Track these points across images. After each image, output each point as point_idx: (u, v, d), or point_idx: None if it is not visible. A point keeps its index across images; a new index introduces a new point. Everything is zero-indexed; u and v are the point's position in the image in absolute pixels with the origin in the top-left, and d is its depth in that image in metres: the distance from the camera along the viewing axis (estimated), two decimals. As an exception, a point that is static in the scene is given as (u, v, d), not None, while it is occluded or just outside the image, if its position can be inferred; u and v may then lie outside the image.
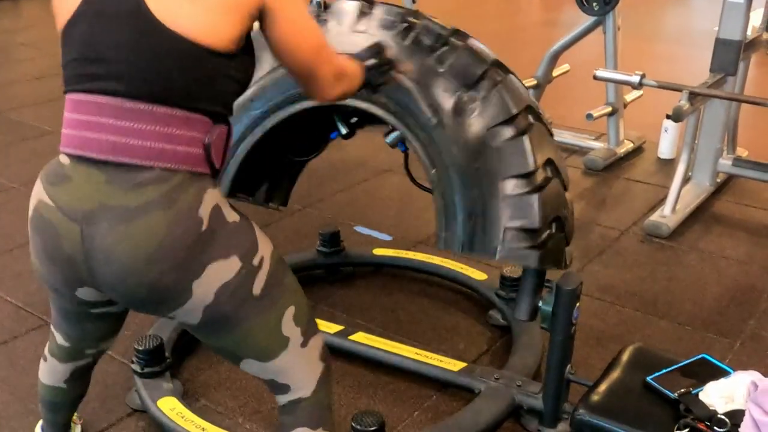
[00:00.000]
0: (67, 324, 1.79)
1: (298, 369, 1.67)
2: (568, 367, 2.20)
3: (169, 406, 2.25)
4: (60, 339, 1.85)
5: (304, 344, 1.66)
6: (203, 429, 2.16)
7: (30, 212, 1.56)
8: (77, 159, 1.47)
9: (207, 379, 2.51)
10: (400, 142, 2.38)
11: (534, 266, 2.07)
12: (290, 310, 1.63)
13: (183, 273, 1.46)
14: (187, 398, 2.40)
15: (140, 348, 2.34)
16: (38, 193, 1.53)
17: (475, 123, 2.06)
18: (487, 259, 2.36)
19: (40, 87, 5.73)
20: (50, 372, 1.94)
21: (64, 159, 1.51)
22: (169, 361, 2.40)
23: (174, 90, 1.44)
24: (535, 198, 2.02)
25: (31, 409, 2.36)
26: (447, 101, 2.08)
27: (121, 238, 1.42)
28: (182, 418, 2.20)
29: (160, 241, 1.42)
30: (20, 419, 2.33)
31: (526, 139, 2.04)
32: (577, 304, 2.13)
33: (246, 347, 1.62)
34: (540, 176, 2.04)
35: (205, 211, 1.47)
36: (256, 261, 1.55)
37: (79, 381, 1.98)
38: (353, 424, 2.02)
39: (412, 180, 2.53)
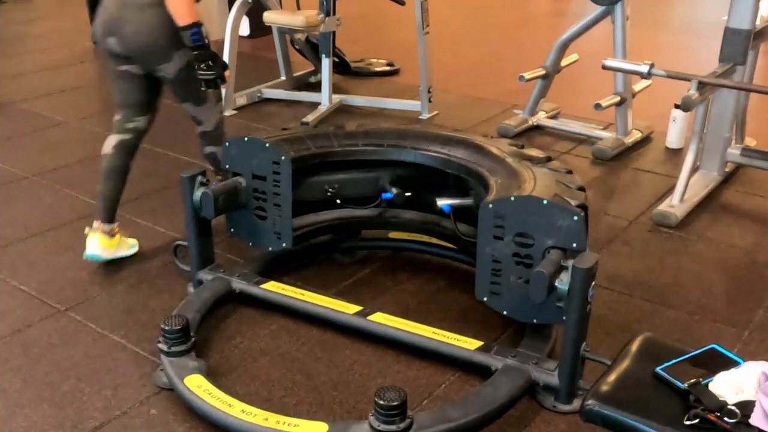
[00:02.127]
0: (115, 87, 3.06)
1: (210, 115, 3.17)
2: (584, 344, 2.23)
3: (196, 384, 2.29)
4: (116, 115, 3.11)
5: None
6: (230, 405, 2.20)
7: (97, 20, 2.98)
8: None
9: (218, 366, 2.54)
10: (448, 206, 2.83)
11: None
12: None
13: (169, 41, 2.87)
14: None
15: (167, 328, 2.38)
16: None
17: None
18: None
19: (52, 78, 5.74)
20: (107, 143, 3.11)
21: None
22: (194, 339, 2.44)
23: None
24: None
25: (45, 396, 2.39)
26: None
27: (139, 17, 2.86)
28: (209, 394, 2.24)
29: (159, 20, 2.83)
30: (34, 407, 2.35)
31: None
32: (593, 283, 2.16)
33: (190, 96, 3.05)
34: None
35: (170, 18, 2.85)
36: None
37: (123, 153, 3.10)
38: (376, 399, 2.03)
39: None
